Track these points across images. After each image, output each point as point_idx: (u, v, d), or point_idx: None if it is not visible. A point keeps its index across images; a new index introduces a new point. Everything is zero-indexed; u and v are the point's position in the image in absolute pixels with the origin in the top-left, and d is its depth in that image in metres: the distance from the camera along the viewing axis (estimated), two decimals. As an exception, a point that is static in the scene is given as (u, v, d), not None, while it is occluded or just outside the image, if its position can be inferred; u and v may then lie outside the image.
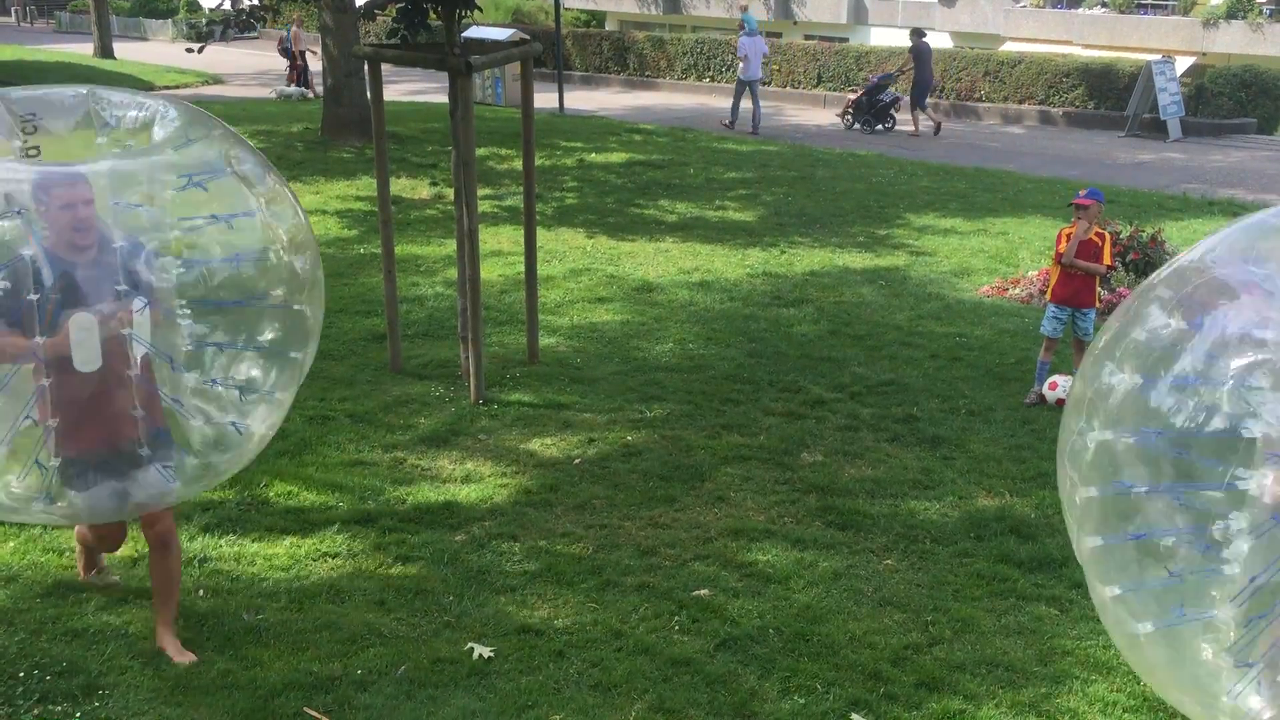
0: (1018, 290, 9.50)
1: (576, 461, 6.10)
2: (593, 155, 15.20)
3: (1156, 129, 18.90)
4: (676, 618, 4.54)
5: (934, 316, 8.83)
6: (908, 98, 19.12)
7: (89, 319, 3.48)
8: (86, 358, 3.47)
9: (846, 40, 26.14)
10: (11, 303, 3.38)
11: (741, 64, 18.87)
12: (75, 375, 3.49)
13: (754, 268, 10.16)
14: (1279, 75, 20.04)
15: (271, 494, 5.51)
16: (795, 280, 9.78)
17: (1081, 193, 7.39)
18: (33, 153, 3.70)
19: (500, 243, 10.56)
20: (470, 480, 5.78)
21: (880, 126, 19.20)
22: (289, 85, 22.36)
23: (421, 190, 12.78)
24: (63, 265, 3.50)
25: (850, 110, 19.46)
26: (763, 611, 4.59)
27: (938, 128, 18.99)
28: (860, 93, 19.62)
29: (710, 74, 24.99)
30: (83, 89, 3.91)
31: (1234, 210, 12.74)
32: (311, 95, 21.43)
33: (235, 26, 16.19)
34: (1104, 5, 24.48)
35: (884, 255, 10.67)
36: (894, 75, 19.65)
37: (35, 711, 3.74)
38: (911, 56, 19.20)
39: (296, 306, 3.94)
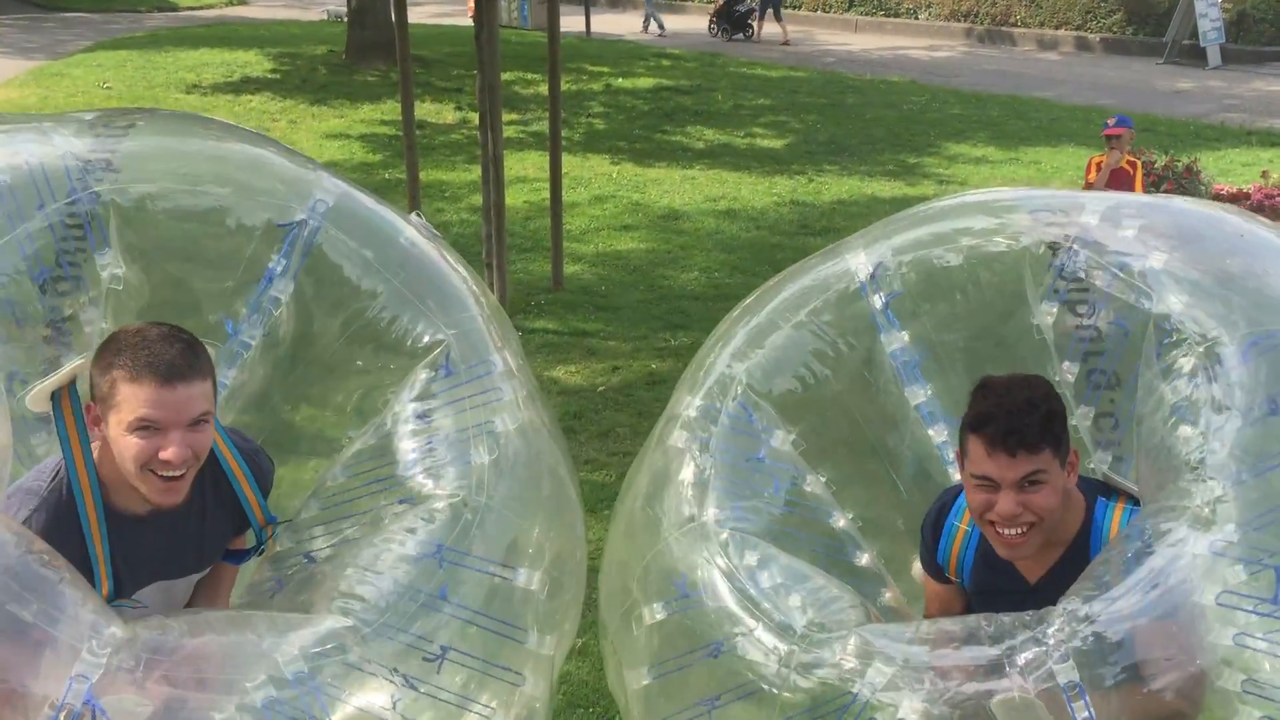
0: (1049, 220, 9.37)
1: (601, 389, 6.10)
2: (619, 80, 15.01)
3: (1196, 56, 18.46)
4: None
5: (963, 247, 8.74)
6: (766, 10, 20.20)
7: None
8: None
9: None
10: None
11: None
12: None
13: (781, 196, 10.06)
14: (1325, 1, 19.51)
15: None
16: (823, 209, 9.68)
17: (1110, 121, 7.26)
18: None
19: (525, 169, 10.49)
20: (494, 407, 5.80)
21: (740, 35, 20.03)
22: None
23: (446, 115, 12.68)
24: None
25: (714, 19, 20.49)
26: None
27: (785, 40, 19.74)
28: (722, 2, 20.48)
29: (740, -3, 24.55)
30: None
31: (1273, 140, 12.49)
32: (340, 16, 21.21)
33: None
34: (1146, -73, 23.80)
35: (914, 184, 10.53)
36: None
37: None
38: None
39: None
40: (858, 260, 2.81)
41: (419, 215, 2.86)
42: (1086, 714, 2.04)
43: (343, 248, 2.66)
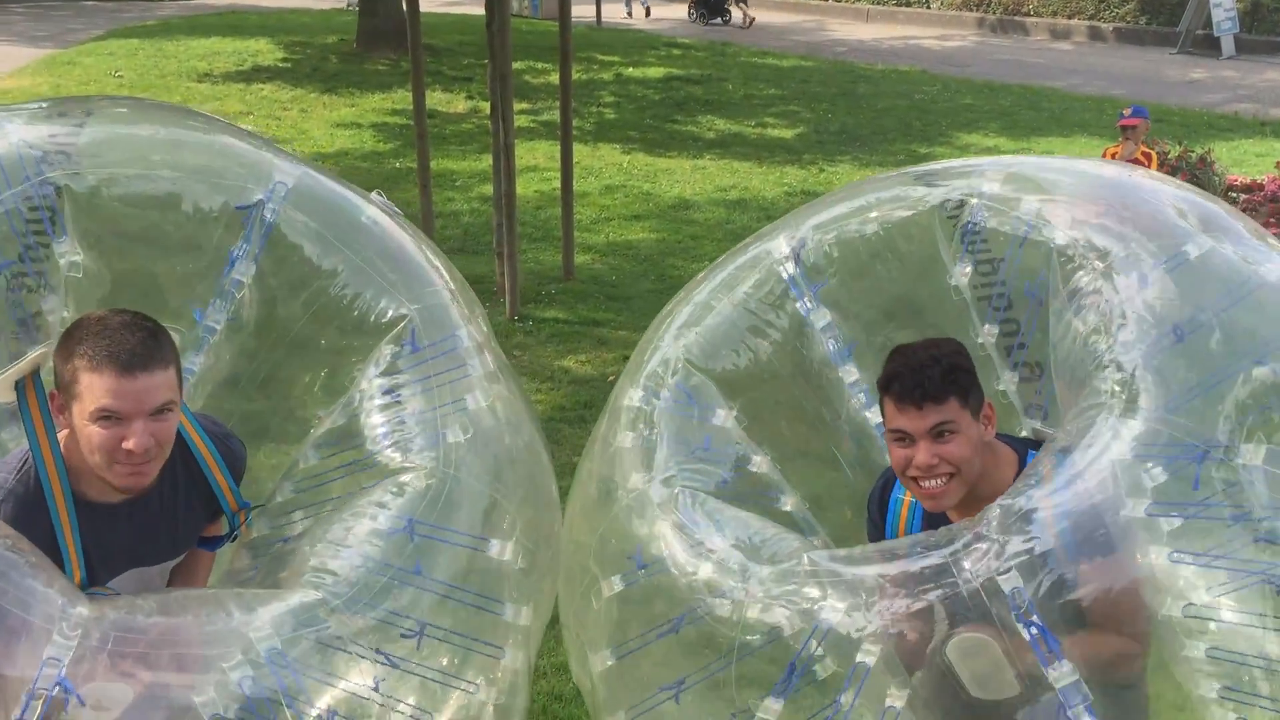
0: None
1: (611, 379, 6.11)
2: (630, 70, 14.99)
3: (1210, 46, 18.36)
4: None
5: (974, 237, 8.71)
6: None
7: None
8: None
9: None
10: None
11: None
12: None
13: (792, 186, 10.03)
14: (1340, -10, 19.37)
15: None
16: (834, 199, 9.66)
17: (1126, 111, 7.23)
18: None
19: (536, 158, 10.48)
20: (505, 396, 5.80)
21: (717, 20, 20.26)
22: None
23: (457, 104, 12.67)
24: None
25: (692, 4, 20.81)
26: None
27: (745, 21, 19.98)
28: None
29: (751, -14, 24.45)
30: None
31: (1287, 131, 12.42)
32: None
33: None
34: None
35: (925, 174, 10.51)
36: None
37: None
38: None
39: None
40: (779, 245, 2.89)
41: (380, 194, 2.86)
42: (1037, 628, 2.06)
43: (303, 228, 2.65)
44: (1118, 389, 2.24)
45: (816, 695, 2.22)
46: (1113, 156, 7.18)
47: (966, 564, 2.12)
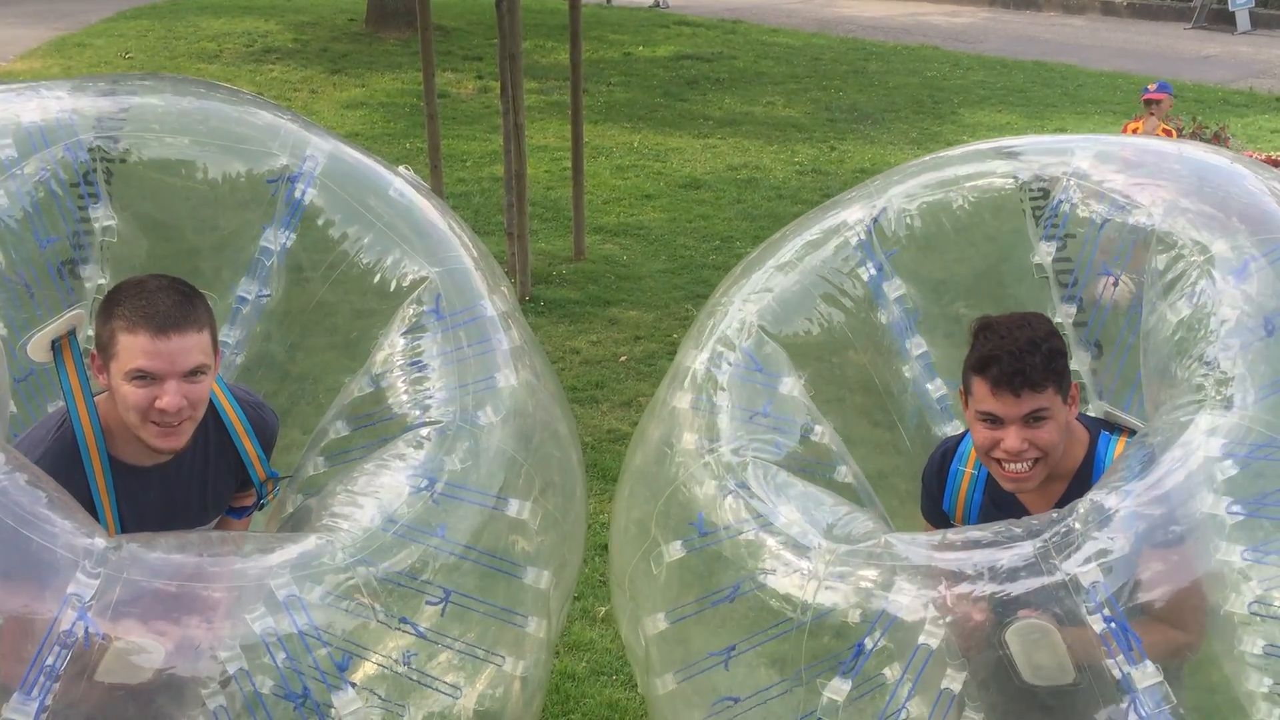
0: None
1: (623, 359, 6.11)
2: (640, 48, 14.92)
3: (1224, 20, 18.19)
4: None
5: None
6: None
7: None
8: None
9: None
10: None
11: None
12: None
13: (803, 165, 10.00)
14: (1357, -37, 19.13)
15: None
16: (845, 178, 9.61)
17: (1151, 87, 7.18)
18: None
19: (546, 138, 10.45)
20: (516, 377, 5.81)
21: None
22: None
23: (467, 84, 12.64)
24: None
25: None
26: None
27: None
28: None
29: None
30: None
31: (1303, 106, 12.32)
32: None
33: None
34: (1174, -111, 23.37)
35: (937, 152, 10.44)
36: None
37: None
38: None
39: None
40: (855, 214, 2.87)
41: (408, 169, 2.93)
42: (1117, 624, 2.03)
43: (333, 201, 2.72)
44: (1209, 387, 2.21)
45: (880, 677, 2.21)
46: (1134, 131, 7.13)
47: (1054, 558, 2.10)
